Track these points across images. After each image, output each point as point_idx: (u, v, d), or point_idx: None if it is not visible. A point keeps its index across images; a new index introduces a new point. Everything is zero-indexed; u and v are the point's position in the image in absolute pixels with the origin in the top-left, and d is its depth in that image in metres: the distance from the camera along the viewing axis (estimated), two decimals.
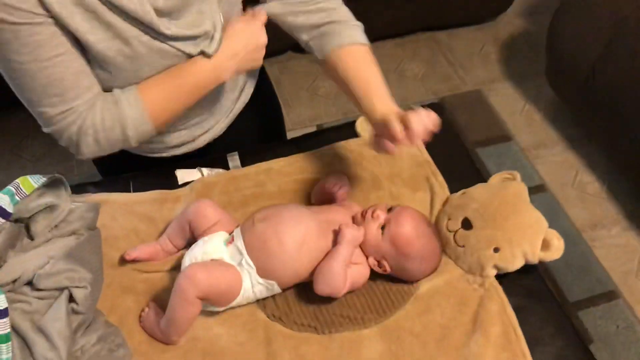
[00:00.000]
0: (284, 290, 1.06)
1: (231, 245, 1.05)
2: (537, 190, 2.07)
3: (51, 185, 1.09)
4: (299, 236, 1.02)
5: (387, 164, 1.29)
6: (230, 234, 1.08)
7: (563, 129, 2.30)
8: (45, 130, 1.00)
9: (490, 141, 2.23)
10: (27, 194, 1.06)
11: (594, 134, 2.18)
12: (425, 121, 0.92)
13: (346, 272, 1.01)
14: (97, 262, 1.04)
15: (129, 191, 1.26)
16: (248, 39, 1.06)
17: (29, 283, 0.99)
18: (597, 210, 2.03)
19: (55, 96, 0.94)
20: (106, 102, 1.00)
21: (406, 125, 0.92)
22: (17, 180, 1.06)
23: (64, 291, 0.98)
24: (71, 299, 0.97)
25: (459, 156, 1.36)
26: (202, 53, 1.03)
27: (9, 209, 1.02)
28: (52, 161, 2.10)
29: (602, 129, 2.07)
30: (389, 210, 1.08)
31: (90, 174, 2.07)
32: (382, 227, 1.05)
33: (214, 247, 1.04)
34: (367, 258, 1.07)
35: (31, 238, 1.08)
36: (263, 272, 1.02)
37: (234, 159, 1.33)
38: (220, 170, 1.29)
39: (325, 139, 1.35)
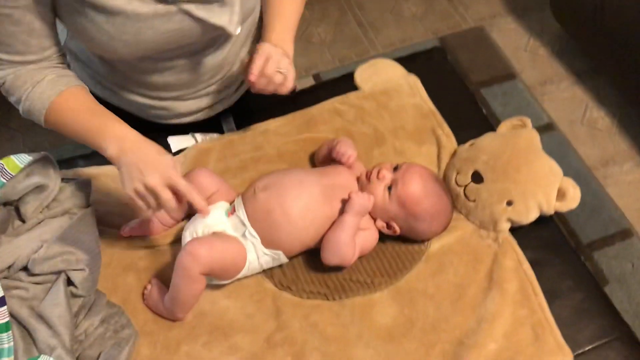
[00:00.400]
0: (290, 258, 1.02)
1: (233, 216, 1.00)
2: (545, 129, 1.99)
3: (38, 163, 1.03)
4: (303, 205, 0.97)
5: (390, 117, 1.22)
6: (231, 204, 1.03)
7: (570, 63, 2.19)
8: None
9: (495, 80, 2.14)
10: (13, 174, 1.01)
11: (603, 66, 2.08)
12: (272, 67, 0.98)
13: (355, 242, 0.97)
14: (93, 241, 1.00)
15: None
16: (147, 163, 0.90)
17: (24, 268, 0.96)
18: (608, 146, 1.96)
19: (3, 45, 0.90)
20: (33, 74, 0.95)
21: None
22: (0, 161, 1.00)
23: (61, 275, 0.94)
24: (69, 282, 0.94)
25: (465, 102, 1.29)
26: (222, 29, 0.95)
27: None
28: (43, 131, 2.01)
29: (611, 61, 1.98)
30: (395, 169, 1.02)
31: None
32: (389, 188, 1.00)
33: (215, 219, 0.99)
34: (374, 221, 1.02)
35: (22, 220, 1.03)
36: (268, 243, 0.98)
37: (228, 122, 1.26)
38: (215, 135, 1.23)
39: (323, 93, 1.28)
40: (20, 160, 1.01)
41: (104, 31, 0.90)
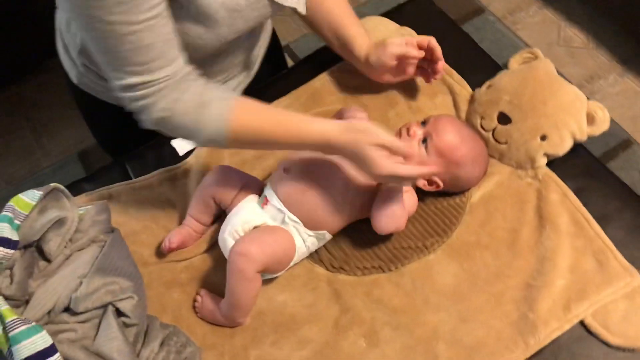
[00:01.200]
0: (334, 235, 0.99)
1: (267, 206, 0.96)
2: None
3: (50, 196, 0.96)
4: (340, 177, 0.94)
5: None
6: (261, 196, 0.98)
7: None
8: (118, 93, 0.85)
9: (465, 18, 2.12)
10: (26, 214, 0.94)
11: None
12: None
13: (405, 206, 0.94)
14: (132, 265, 0.95)
15: (129, 177, 1.14)
16: (365, 150, 0.86)
17: (66, 309, 0.90)
18: (589, 63, 1.97)
19: (138, 65, 0.80)
20: (195, 97, 0.85)
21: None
22: (9, 203, 0.93)
23: (108, 307, 0.88)
24: (118, 312, 0.89)
25: (465, 46, 1.26)
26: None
27: (13, 236, 0.90)
28: (14, 159, 1.92)
29: None
30: (423, 123, 1.00)
31: (59, 164, 1.90)
32: (424, 142, 0.97)
33: (251, 213, 0.95)
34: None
35: (47, 260, 0.96)
36: (311, 225, 0.94)
37: None
38: None
39: (324, 61, 1.22)
40: (30, 197, 0.95)
41: (197, 29, 0.88)
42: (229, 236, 0.94)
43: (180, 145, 1.15)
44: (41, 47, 1.98)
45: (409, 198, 0.98)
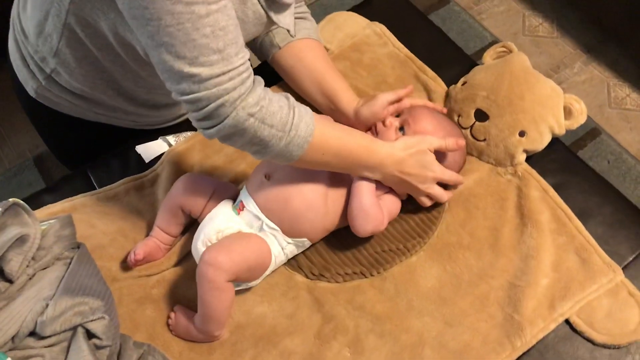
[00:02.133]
0: (314, 242, 0.96)
1: (243, 212, 0.92)
2: None
3: (9, 212, 0.90)
4: (324, 185, 0.91)
5: (368, 73, 1.15)
6: (235, 201, 0.94)
7: None
8: (183, 97, 0.75)
9: (430, 9, 2.10)
10: None
11: None
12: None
13: (378, 202, 0.92)
14: (100, 283, 0.89)
15: (92, 185, 1.08)
16: (421, 167, 0.92)
17: (32, 333, 0.84)
18: (554, 51, 1.98)
19: (215, 52, 0.71)
20: (281, 97, 0.80)
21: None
22: None
23: (77, 329, 0.83)
24: (89, 334, 0.83)
25: (437, 40, 1.23)
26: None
27: None
28: None
29: None
30: (397, 116, 0.99)
31: (13, 170, 1.80)
32: (401, 130, 0.96)
33: (225, 220, 0.91)
34: None
35: (9, 281, 0.90)
36: (291, 232, 0.91)
37: None
38: (188, 133, 1.12)
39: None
40: None
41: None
42: (202, 245, 0.90)
43: (146, 152, 1.10)
44: None
45: (390, 197, 0.95)
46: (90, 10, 0.82)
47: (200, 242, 0.90)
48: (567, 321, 0.90)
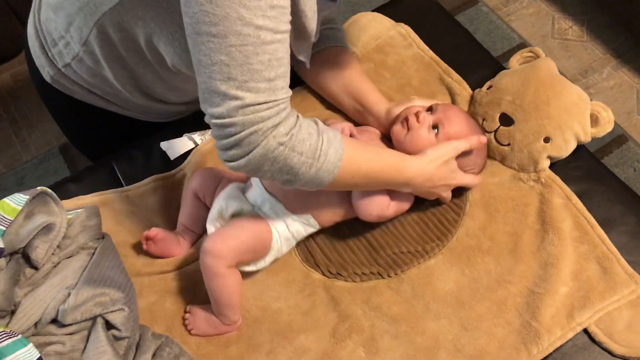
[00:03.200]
0: (322, 227, 0.96)
1: (250, 190, 0.94)
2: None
3: (37, 200, 0.92)
4: None
5: (392, 75, 1.15)
6: (247, 183, 0.96)
7: None
8: (218, 121, 0.73)
9: (458, 10, 2.09)
10: (12, 219, 0.90)
11: None
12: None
13: (386, 193, 0.93)
14: (122, 275, 0.91)
15: (117, 177, 1.09)
16: (447, 177, 0.94)
17: (53, 321, 0.86)
18: (583, 55, 1.95)
19: (265, 81, 0.72)
20: (311, 124, 0.80)
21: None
22: None
23: (97, 319, 0.85)
24: (109, 324, 0.85)
25: (464, 43, 1.22)
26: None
27: None
28: None
29: None
30: (428, 110, 0.98)
31: (39, 158, 1.84)
32: (434, 128, 0.96)
33: (229, 199, 0.93)
34: None
35: (35, 267, 0.92)
36: (294, 208, 0.92)
37: None
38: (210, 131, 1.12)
39: None
40: (15, 201, 0.90)
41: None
42: (211, 225, 0.93)
43: (171, 149, 1.10)
44: (17, 34, 1.93)
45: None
46: (130, 17, 0.84)
47: (210, 222, 0.93)
48: (585, 331, 0.89)
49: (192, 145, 1.09)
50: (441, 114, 0.96)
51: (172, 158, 1.08)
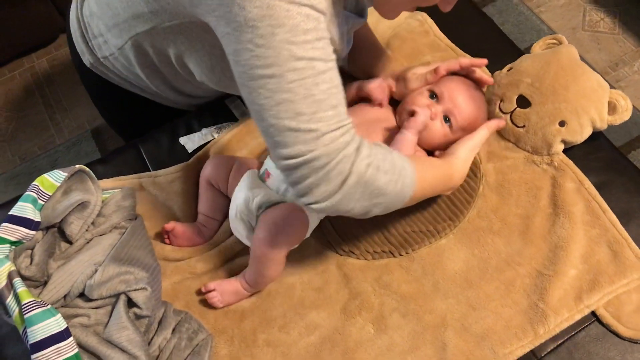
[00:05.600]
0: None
1: (270, 179, 0.94)
2: None
3: (75, 178, 0.96)
4: None
5: (408, 62, 1.16)
6: (261, 170, 0.96)
7: None
8: (297, 160, 0.72)
9: (487, 1, 2.08)
10: (50, 194, 0.93)
11: None
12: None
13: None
14: (149, 255, 0.94)
15: (143, 160, 1.14)
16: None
17: (81, 294, 0.89)
18: (614, 48, 1.92)
19: (331, 108, 0.71)
20: (381, 149, 0.79)
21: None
22: (35, 183, 0.92)
23: (120, 296, 0.88)
24: (130, 302, 0.88)
25: (487, 32, 1.22)
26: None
27: (35, 217, 0.90)
28: (29, 136, 1.93)
29: None
30: (432, 96, 0.99)
31: (72, 141, 1.92)
32: (446, 121, 0.98)
33: (252, 188, 0.93)
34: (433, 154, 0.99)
35: (69, 242, 0.95)
36: None
37: (236, 105, 1.15)
38: (226, 124, 1.13)
39: None
40: (55, 177, 0.94)
41: None
42: (238, 219, 0.94)
43: (189, 143, 1.13)
44: (54, 21, 1.99)
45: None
46: (162, 39, 0.88)
47: (235, 215, 0.94)
48: (593, 313, 0.89)
49: (210, 139, 1.12)
50: (447, 100, 0.97)
51: (189, 151, 1.11)
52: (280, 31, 0.66)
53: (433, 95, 0.99)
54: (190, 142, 1.13)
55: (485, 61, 1.02)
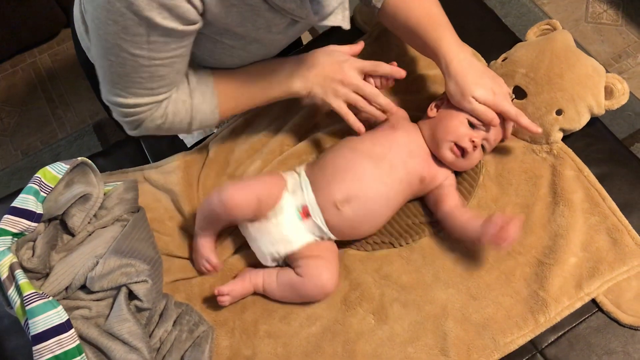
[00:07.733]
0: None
1: (308, 220, 0.93)
2: None
3: (77, 170, 0.96)
4: (388, 205, 0.96)
5: (403, 62, 1.14)
6: (298, 203, 0.94)
7: None
8: (110, 105, 0.89)
9: None
10: (52, 186, 0.94)
11: None
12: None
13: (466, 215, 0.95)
14: (151, 248, 0.94)
15: (143, 152, 1.15)
16: (333, 68, 0.97)
17: (82, 287, 0.90)
18: (617, 40, 1.91)
19: (146, 89, 0.84)
20: (181, 94, 0.91)
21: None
22: (37, 175, 0.93)
23: (121, 289, 0.88)
24: (131, 294, 0.88)
25: (488, 24, 1.22)
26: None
27: (37, 209, 0.91)
28: (31, 130, 1.95)
29: None
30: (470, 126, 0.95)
31: (74, 135, 1.93)
32: (482, 147, 0.97)
33: (291, 231, 0.93)
34: None
35: (71, 234, 0.96)
36: (344, 238, 0.97)
37: None
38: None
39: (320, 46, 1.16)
40: (57, 169, 0.94)
41: (237, 56, 0.92)
42: (269, 257, 0.94)
43: (187, 137, 1.14)
44: (56, 16, 2.00)
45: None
46: None
47: (267, 251, 0.93)
48: (593, 300, 0.89)
49: (209, 133, 1.12)
50: (487, 130, 0.95)
51: (188, 146, 1.12)
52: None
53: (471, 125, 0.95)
54: (189, 136, 1.13)
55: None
